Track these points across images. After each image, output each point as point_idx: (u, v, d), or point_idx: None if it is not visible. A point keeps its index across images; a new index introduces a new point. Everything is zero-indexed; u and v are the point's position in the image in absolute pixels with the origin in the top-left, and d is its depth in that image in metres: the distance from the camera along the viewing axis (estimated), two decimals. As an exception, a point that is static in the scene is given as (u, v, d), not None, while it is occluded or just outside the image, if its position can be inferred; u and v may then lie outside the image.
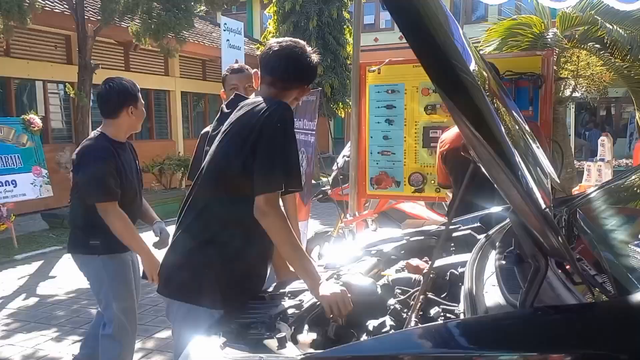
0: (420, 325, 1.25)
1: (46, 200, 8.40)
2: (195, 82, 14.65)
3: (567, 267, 1.23)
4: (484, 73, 1.69)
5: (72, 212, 2.97)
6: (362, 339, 1.41)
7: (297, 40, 2.05)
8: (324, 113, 15.05)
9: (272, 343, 1.42)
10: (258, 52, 15.77)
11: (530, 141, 1.92)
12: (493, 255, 1.55)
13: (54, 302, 5.32)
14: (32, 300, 5.38)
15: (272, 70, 1.98)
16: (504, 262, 1.35)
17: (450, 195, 3.44)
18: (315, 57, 2.03)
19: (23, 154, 7.85)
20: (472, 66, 1.50)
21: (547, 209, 0.96)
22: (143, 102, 3.00)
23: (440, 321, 1.23)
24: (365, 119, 3.98)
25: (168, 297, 2.00)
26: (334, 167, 5.37)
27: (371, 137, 3.97)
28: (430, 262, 2.11)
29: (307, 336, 1.63)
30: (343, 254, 2.45)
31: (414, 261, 2.16)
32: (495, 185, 1.09)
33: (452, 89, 0.98)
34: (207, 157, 2.01)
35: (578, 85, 8.42)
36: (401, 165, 3.92)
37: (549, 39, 6.91)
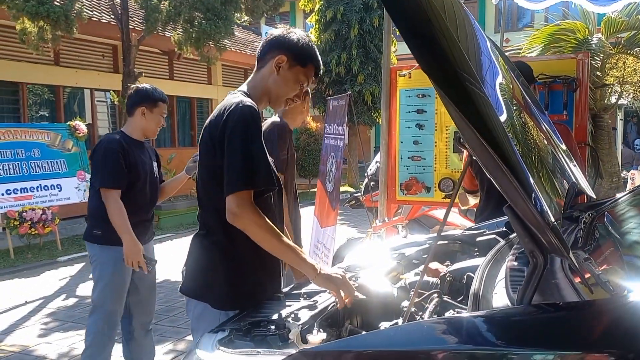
0: (413, 322, 1.22)
1: (90, 204, 8.67)
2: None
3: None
4: (510, 85, 1.66)
5: (89, 201, 3.14)
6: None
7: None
8: (364, 121, 15.04)
9: (275, 340, 1.41)
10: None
11: (553, 145, 1.86)
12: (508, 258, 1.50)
13: (92, 302, 5.47)
14: (71, 301, 5.54)
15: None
16: (515, 263, 1.30)
17: (471, 199, 3.36)
18: (303, 35, 1.96)
19: (68, 159, 8.14)
20: (500, 79, 1.47)
21: (546, 208, 0.93)
22: (165, 111, 3.15)
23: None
24: (396, 124, 3.93)
25: (185, 294, 2.02)
26: (366, 174, 5.33)
27: (401, 142, 3.92)
28: (446, 266, 2.09)
29: (317, 336, 1.61)
30: (364, 257, 2.43)
31: (434, 265, 2.12)
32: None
33: (453, 95, 0.95)
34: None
35: (624, 92, 8.13)
36: (431, 171, 3.85)
37: (593, 45, 6.72)
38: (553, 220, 0.93)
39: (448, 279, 1.86)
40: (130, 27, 9.18)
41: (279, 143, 3.44)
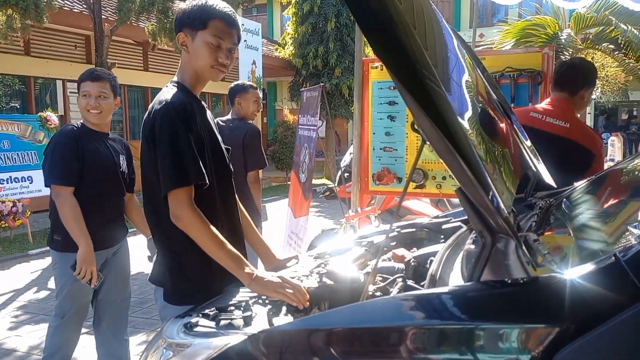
0: (369, 300, 1.26)
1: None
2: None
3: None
4: (476, 82, 1.70)
5: (49, 203, 2.88)
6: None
7: None
8: (342, 114, 15.07)
9: (240, 322, 1.44)
10: (277, 54, 15.90)
11: (514, 138, 1.92)
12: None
13: (64, 295, 5.42)
14: (43, 294, 5.49)
15: None
16: (472, 246, 1.35)
17: None
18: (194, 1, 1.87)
19: (39, 150, 8.01)
20: (466, 76, 1.52)
21: (495, 192, 0.97)
22: (102, 96, 2.81)
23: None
24: (368, 116, 3.97)
25: (152, 282, 2.03)
26: (341, 165, 5.38)
27: (374, 134, 3.96)
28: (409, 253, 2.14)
29: (283, 319, 1.64)
30: (333, 245, 2.47)
31: (400, 251, 2.17)
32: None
33: (406, 84, 0.99)
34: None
35: (593, 87, 8.26)
36: (403, 162, 3.91)
37: (563, 40, 6.85)
38: (501, 204, 0.98)
39: (412, 264, 1.91)
40: (102, 17, 9.04)
41: (259, 143, 3.62)
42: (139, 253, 3.04)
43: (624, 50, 6.79)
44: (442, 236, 2.39)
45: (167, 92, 1.83)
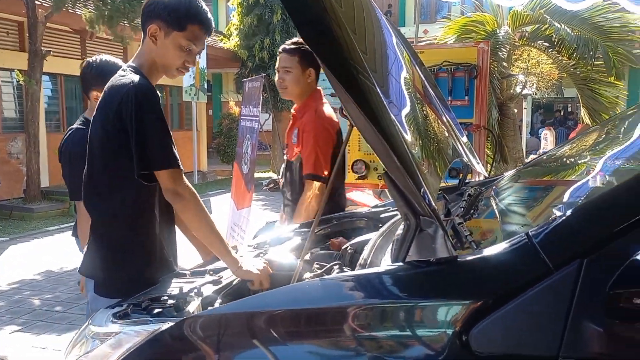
0: (296, 283, 1.28)
1: (-6, 191, 8.18)
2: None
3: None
4: (413, 78, 1.74)
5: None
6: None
7: None
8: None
9: (170, 311, 1.42)
10: (222, 44, 15.65)
11: (449, 131, 1.98)
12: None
13: (-5, 292, 5.19)
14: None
15: None
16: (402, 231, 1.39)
17: None
18: None
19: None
20: (404, 73, 1.56)
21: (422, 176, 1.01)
22: None
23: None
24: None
25: (82, 274, 1.98)
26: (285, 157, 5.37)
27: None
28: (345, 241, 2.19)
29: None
30: (273, 235, 2.48)
31: (338, 239, 2.22)
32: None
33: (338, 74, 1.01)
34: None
35: (529, 83, 8.62)
36: (344, 153, 3.94)
37: (501, 36, 7.07)
38: (425, 188, 1.02)
39: (349, 251, 1.95)
40: (37, 2, 8.64)
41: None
42: (73, 248, 2.94)
43: (557, 47, 7.08)
44: (381, 225, 2.45)
45: (133, 76, 1.75)
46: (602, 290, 0.82)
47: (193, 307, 1.50)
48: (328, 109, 2.84)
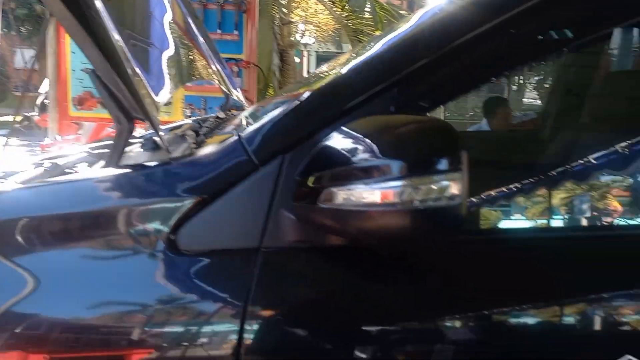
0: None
1: None
2: None
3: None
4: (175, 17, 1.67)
5: None
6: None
7: None
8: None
9: None
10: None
11: (208, 63, 1.96)
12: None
13: None
14: None
15: None
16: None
17: None
18: None
19: None
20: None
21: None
22: None
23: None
24: (64, 32, 3.57)
25: None
26: (40, 90, 4.80)
27: (73, 53, 3.59)
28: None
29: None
30: (8, 167, 2.22)
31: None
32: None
33: None
34: None
35: (307, 32, 8.98)
36: (108, 85, 3.66)
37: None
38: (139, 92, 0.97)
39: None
40: None
41: None
42: None
43: (333, -2, 7.45)
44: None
45: None
46: (292, 180, 0.88)
47: None
48: None
